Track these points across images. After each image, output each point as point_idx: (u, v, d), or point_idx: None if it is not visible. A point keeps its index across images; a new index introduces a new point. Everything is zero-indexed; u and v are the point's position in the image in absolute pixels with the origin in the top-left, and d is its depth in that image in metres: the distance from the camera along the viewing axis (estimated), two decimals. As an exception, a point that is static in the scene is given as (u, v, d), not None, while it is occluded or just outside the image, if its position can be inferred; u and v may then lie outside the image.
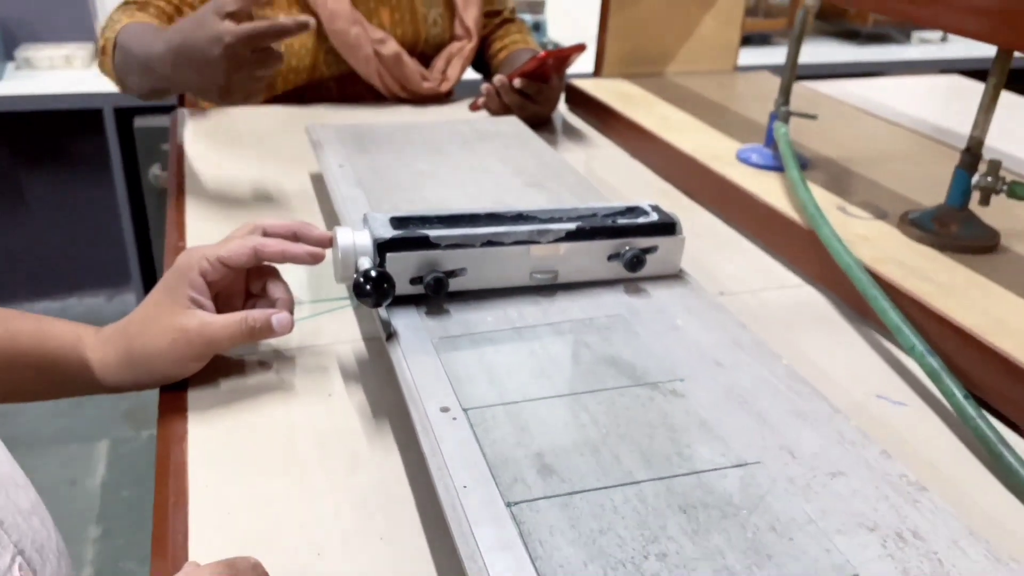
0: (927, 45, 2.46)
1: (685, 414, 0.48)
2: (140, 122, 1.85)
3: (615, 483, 0.43)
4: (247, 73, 0.78)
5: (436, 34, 1.21)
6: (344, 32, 1.11)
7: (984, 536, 0.41)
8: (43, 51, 1.93)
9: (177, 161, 0.96)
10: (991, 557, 0.40)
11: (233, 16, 0.76)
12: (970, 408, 0.55)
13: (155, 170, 1.89)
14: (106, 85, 1.82)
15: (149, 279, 2.05)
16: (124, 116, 1.85)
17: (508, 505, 0.41)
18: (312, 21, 0.77)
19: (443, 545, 0.45)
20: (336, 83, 1.18)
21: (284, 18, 0.80)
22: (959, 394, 0.56)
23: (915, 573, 0.38)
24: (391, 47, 1.13)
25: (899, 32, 2.50)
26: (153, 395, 0.57)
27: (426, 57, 1.21)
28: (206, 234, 0.79)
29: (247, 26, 0.76)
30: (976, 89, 0.72)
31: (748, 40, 2.32)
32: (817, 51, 2.39)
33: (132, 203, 1.97)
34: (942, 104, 0.72)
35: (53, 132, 2.07)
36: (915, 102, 1.37)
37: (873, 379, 0.62)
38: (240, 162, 0.96)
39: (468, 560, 0.38)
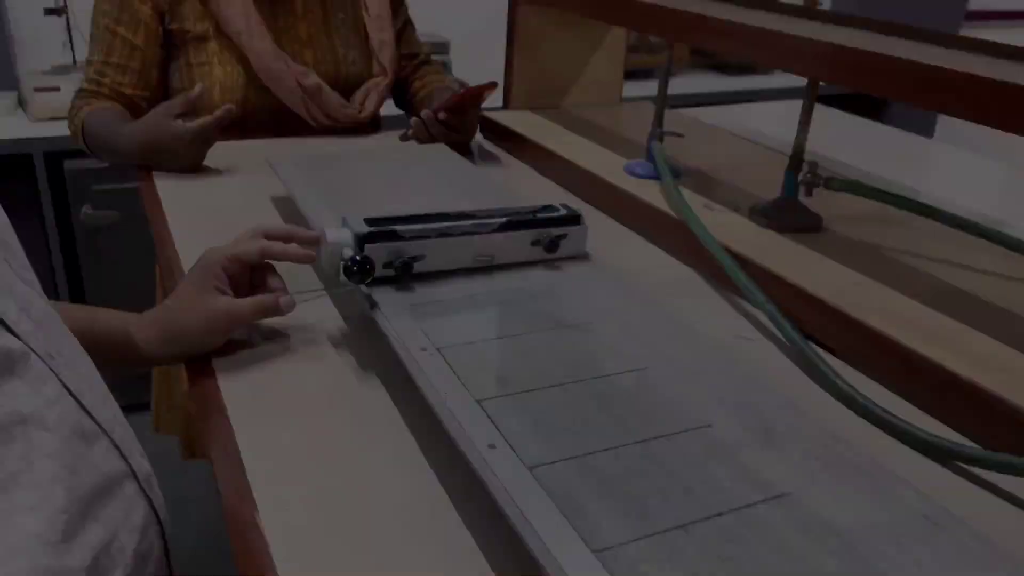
0: (787, 75, 2.78)
1: (595, 343, 0.68)
2: (70, 164, 1.95)
3: (549, 385, 0.62)
4: (203, 152, 1.17)
5: (355, 72, 1.39)
6: (268, 68, 1.29)
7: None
8: (-33, 100, 2.01)
9: (152, 193, 1.11)
10: (799, 412, 0.60)
11: (180, 115, 1.13)
12: (796, 336, 0.77)
13: (87, 209, 1.99)
14: (35, 131, 1.93)
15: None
16: (53, 159, 1.94)
17: (478, 401, 0.59)
18: (233, 107, 1.13)
19: (427, 441, 0.63)
20: (270, 115, 1.34)
21: (218, 111, 1.12)
22: (788, 327, 0.78)
23: (748, 422, 0.59)
24: (312, 79, 1.31)
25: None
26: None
27: (348, 92, 1.39)
28: (194, 250, 0.94)
29: (198, 124, 1.12)
30: (819, 111, 0.95)
31: (633, 74, 2.58)
32: (695, 83, 2.69)
33: (63, 243, 2.05)
34: (791, 124, 0.93)
35: (-19, 177, 2.14)
36: (770, 122, 1.64)
37: (732, 325, 0.83)
38: (208, 195, 1.12)
39: (456, 433, 0.56)
